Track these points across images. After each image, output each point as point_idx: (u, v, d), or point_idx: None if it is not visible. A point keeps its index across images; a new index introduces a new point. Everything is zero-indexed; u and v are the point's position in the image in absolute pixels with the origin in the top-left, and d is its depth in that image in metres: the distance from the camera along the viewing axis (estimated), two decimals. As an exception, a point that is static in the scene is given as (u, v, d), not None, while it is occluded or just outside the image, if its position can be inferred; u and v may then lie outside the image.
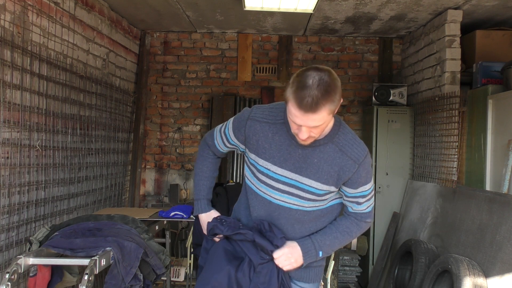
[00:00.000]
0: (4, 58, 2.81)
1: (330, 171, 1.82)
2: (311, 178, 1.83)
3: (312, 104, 1.59)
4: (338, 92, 1.64)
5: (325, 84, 1.60)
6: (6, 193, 2.88)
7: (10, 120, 2.89)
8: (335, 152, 1.82)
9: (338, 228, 1.92)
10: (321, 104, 1.59)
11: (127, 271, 2.52)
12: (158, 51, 5.56)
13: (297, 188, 1.86)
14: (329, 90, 1.60)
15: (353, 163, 1.81)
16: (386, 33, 5.30)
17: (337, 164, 1.81)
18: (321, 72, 1.63)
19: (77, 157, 3.86)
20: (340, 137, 1.84)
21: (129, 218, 2.97)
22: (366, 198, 1.90)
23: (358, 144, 1.86)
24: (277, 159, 1.85)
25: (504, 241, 3.09)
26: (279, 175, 1.86)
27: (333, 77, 1.64)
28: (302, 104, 1.60)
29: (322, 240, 1.90)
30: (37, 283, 2.48)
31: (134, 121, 5.38)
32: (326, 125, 1.71)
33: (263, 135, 1.87)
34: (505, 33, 4.37)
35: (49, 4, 3.36)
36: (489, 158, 3.78)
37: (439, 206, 4.10)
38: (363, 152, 1.84)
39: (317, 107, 1.60)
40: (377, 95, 5.01)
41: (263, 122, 1.87)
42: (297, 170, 1.84)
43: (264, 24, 5.09)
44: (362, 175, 1.83)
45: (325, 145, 1.82)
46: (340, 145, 1.83)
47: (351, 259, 4.84)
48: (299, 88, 1.60)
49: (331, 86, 1.61)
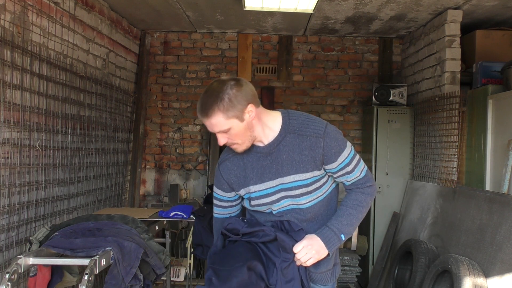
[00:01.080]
0: (4, 58, 2.81)
1: (302, 157, 1.84)
2: (291, 174, 1.86)
3: (203, 109, 1.73)
4: (237, 98, 1.72)
5: (218, 90, 1.72)
6: (6, 193, 2.88)
7: (10, 120, 2.89)
8: (296, 139, 1.85)
9: (348, 205, 1.91)
10: (211, 109, 1.71)
11: (127, 271, 2.52)
12: (158, 51, 5.56)
13: (286, 190, 1.88)
14: (221, 96, 1.70)
15: (316, 139, 1.83)
16: (386, 33, 5.30)
17: (304, 148, 1.84)
18: (224, 81, 1.75)
19: (77, 157, 3.86)
20: (294, 124, 1.87)
21: (129, 218, 2.97)
22: (352, 164, 1.89)
23: (313, 121, 1.88)
24: (256, 178, 1.89)
25: (504, 241, 3.09)
26: (265, 189, 1.89)
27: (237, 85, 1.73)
28: (198, 109, 1.77)
29: (338, 222, 1.89)
30: (37, 283, 2.48)
31: (134, 121, 5.38)
32: (240, 130, 1.77)
33: (237, 167, 1.92)
34: (505, 33, 4.37)
35: (49, 4, 3.36)
36: (489, 158, 3.78)
37: (439, 206, 4.10)
38: (321, 125, 1.87)
39: (208, 112, 1.72)
40: (377, 95, 5.01)
41: (230, 157, 1.94)
42: (276, 175, 1.87)
43: (264, 24, 5.09)
44: (332, 145, 1.84)
45: (285, 139, 1.85)
46: (297, 130, 1.85)
47: (351, 259, 4.84)
48: (201, 95, 1.78)
49: (226, 92, 1.71)
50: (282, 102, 5.55)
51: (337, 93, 5.56)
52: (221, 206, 2.05)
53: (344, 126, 5.55)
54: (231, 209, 2.05)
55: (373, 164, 4.91)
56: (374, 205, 4.90)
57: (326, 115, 5.55)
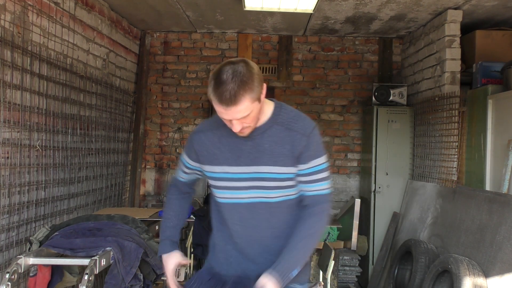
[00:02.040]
0: (4, 58, 2.81)
1: (283, 151, 1.82)
2: (268, 165, 1.83)
3: (231, 97, 1.64)
4: (256, 79, 1.68)
5: (239, 75, 1.65)
6: (6, 193, 2.88)
7: (10, 120, 2.89)
8: (282, 131, 1.83)
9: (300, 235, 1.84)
10: (240, 94, 1.64)
11: (127, 271, 2.53)
12: (158, 51, 5.56)
13: (259, 180, 1.85)
14: (244, 80, 1.64)
15: (301, 136, 1.81)
16: (386, 33, 5.30)
17: (287, 142, 1.82)
18: (235, 64, 1.67)
19: (77, 157, 3.86)
20: (283, 116, 1.85)
21: (129, 218, 2.98)
22: (320, 175, 1.87)
23: (303, 119, 1.86)
24: (231, 160, 1.86)
25: (504, 241, 3.09)
26: (237, 173, 1.86)
27: (248, 66, 1.68)
28: (222, 100, 1.65)
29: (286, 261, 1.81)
30: (37, 283, 2.48)
31: (134, 121, 5.38)
32: (257, 112, 1.74)
33: (211, 143, 1.90)
34: (505, 33, 4.37)
35: (49, 4, 3.36)
36: (489, 158, 3.77)
37: (439, 206, 4.11)
38: (310, 125, 1.85)
39: (237, 99, 1.64)
40: (377, 95, 5.01)
41: (207, 131, 1.92)
42: (253, 162, 1.84)
43: (264, 24, 5.09)
44: (312, 148, 1.83)
45: (271, 128, 1.83)
46: (285, 123, 1.84)
47: (351, 259, 4.83)
48: (216, 85, 1.67)
49: (246, 75, 1.65)
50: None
51: (337, 93, 5.57)
52: (184, 171, 2.07)
53: (344, 126, 5.55)
54: (193, 176, 2.07)
55: (373, 164, 4.91)
56: (374, 205, 4.90)
57: (326, 115, 5.55)
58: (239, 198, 1.89)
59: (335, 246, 4.37)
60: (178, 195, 2.12)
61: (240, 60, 1.70)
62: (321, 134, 5.54)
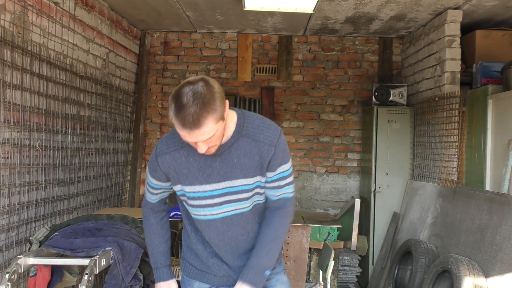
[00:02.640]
0: (4, 58, 2.81)
1: (252, 162, 1.82)
2: (239, 178, 1.83)
3: (194, 121, 1.58)
4: (218, 98, 1.62)
5: (200, 96, 1.58)
6: (6, 193, 2.88)
7: (10, 120, 2.89)
8: (248, 143, 1.81)
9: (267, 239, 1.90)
10: (203, 117, 1.58)
11: (127, 271, 2.53)
12: (158, 51, 5.56)
13: (232, 193, 1.86)
14: (206, 101, 1.58)
15: (269, 147, 1.81)
16: (386, 33, 5.30)
17: (255, 153, 1.82)
18: (194, 84, 1.60)
19: (77, 157, 3.86)
20: (248, 128, 1.82)
21: (129, 218, 2.97)
22: (286, 180, 1.89)
23: (268, 128, 1.84)
24: (202, 179, 1.84)
25: (504, 241, 3.09)
26: (210, 191, 1.85)
27: (208, 85, 1.62)
28: (185, 124, 1.59)
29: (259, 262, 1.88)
30: (37, 283, 2.48)
31: (134, 121, 5.38)
32: (222, 131, 1.70)
33: (178, 163, 1.85)
34: (505, 33, 4.37)
35: (49, 4, 3.36)
36: (489, 158, 3.77)
37: (439, 206, 4.11)
38: (276, 133, 1.84)
39: (200, 122, 1.58)
40: (377, 95, 5.01)
41: (171, 151, 1.85)
42: (224, 178, 1.84)
43: (264, 24, 5.09)
44: (279, 156, 1.84)
45: (237, 141, 1.81)
46: (251, 135, 1.82)
47: (351, 259, 4.84)
48: (177, 109, 1.59)
49: (207, 96, 1.59)
50: (282, 102, 5.55)
51: (337, 93, 5.57)
52: (153, 193, 2.00)
53: (344, 126, 5.55)
54: (164, 193, 2.03)
55: (373, 164, 4.91)
56: (374, 205, 4.90)
57: (326, 115, 5.55)
58: (214, 214, 1.90)
59: (335, 246, 4.38)
60: (155, 218, 2.05)
61: (199, 79, 1.63)
62: (321, 134, 5.58)
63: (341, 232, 4.83)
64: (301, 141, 5.56)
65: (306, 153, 5.56)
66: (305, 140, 5.56)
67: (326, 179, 5.55)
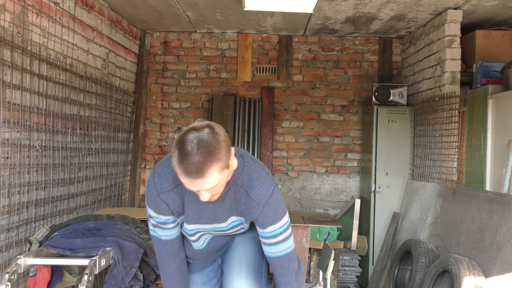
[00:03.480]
0: (4, 58, 2.81)
1: (238, 209, 1.82)
2: (227, 220, 1.85)
3: (198, 170, 1.52)
4: (223, 146, 1.56)
5: (205, 144, 1.53)
6: (6, 193, 2.87)
7: (10, 120, 2.89)
8: (241, 192, 1.79)
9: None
10: (207, 167, 1.53)
11: (127, 271, 2.52)
12: (158, 51, 5.56)
13: (217, 231, 1.92)
14: (211, 150, 1.53)
15: (256, 205, 1.77)
16: (386, 33, 5.30)
17: (243, 204, 1.80)
18: (199, 131, 1.55)
19: (77, 157, 3.86)
20: (244, 178, 1.78)
21: (129, 218, 2.97)
22: (278, 238, 1.83)
23: (262, 183, 1.78)
24: (190, 219, 1.84)
25: (504, 241, 3.09)
26: (196, 229, 1.88)
27: (214, 132, 1.56)
28: (188, 173, 1.53)
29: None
30: (37, 283, 2.48)
31: (134, 121, 5.38)
32: (226, 179, 1.66)
33: (180, 199, 1.82)
34: (505, 33, 4.36)
35: (49, 4, 3.35)
36: (489, 158, 3.77)
37: (439, 206, 4.10)
38: (268, 191, 1.78)
39: (204, 172, 1.53)
40: (377, 95, 5.01)
41: (173, 189, 1.80)
42: (214, 221, 1.85)
43: (264, 24, 5.09)
44: (268, 215, 1.79)
45: (231, 189, 1.79)
46: (245, 186, 1.78)
47: (351, 259, 4.84)
48: (181, 157, 1.53)
49: (213, 144, 1.54)
50: (282, 102, 5.55)
51: (337, 93, 5.56)
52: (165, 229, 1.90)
53: (344, 126, 5.55)
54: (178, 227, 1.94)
55: (373, 164, 4.91)
56: (374, 205, 4.90)
57: (326, 115, 5.55)
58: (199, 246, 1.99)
59: (335, 246, 4.38)
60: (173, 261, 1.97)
61: (205, 126, 1.58)
62: (321, 134, 5.57)
63: (341, 232, 4.83)
64: (301, 141, 5.56)
65: (306, 153, 5.55)
66: (305, 140, 5.55)
67: (326, 179, 5.55)
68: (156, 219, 1.87)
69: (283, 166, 5.53)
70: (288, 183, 5.51)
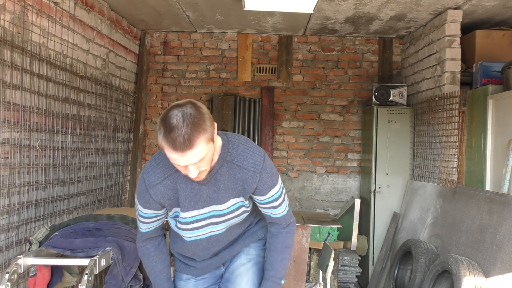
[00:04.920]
0: (4, 58, 2.81)
1: (236, 186, 1.85)
2: (224, 202, 1.86)
3: (185, 141, 1.56)
4: (207, 118, 1.63)
5: (190, 116, 1.58)
6: (6, 193, 2.87)
7: (10, 120, 2.89)
8: (233, 168, 1.82)
9: (278, 250, 2.00)
10: (195, 137, 1.57)
11: (127, 271, 2.52)
12: (158, 51, 5.56)
13: (217, 216, 1.90)
14: (196, 121, 1.58)
15: (253, 174, 1.82)
16: (386, 33, 5.30)
17: (239, 179, 1.83)
18: (182, 107, 1.61)
19: (77, 157, 3.86)
20: (232, 153, 1.82)
21: (129, 218, 2.97)
22: (279, 200, 1.93)
23: (252, 153, 1.84)
24: (188, 206, 1.85)
25: (504, 241, 3.09)
26: (196, 216, 1.88)
27: (196, 106, 1.62)
28: (176, 146, 1.57)
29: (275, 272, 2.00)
30: (37, 283, 2.48)
31: (134, 121, 5.38)
32: (211, 153, 1.69)
33: (170, 190, 1.84)
34: (505, 33, 4.36)
35: (49, 4, 3.35)
36: (489, 158, 3.77)
37: (439, 206, 4.10)
38: (260, 159, 1.84)
39: (192, 142, 1.57)
40: (377, 95, 5.01)
41: (162, 181, 1.83)
42: (210, 202, 1.86)
43: (264, 24, 5.09)
44: (267, 181, 1.85)
45: (222, 167, 1.82)
46: (235, 160, 1.82)
47: (351, 259, 4.84)
48: (167, 131, 1.57)
49: (197, 116, 1.59)
50: (282, 102, 5.55)
51: (337, 93, 5.56)
52: (149, 222, 1.95)
53: (344, 126, 5.55)
54: (161, 220, 1.99)
55: (373, 164, 4.91)
56: (374, 205, 4.90)
57: (326, 115, 5.55)
58: (200, 235, 1.94)
59: (335, 246, 4.38)
60: (153, 245, 2.01)
61: (187, 102, 1.64)
62: (321, 134, 5.57)
63: (341, 232, 4.83)
64: (301, 141, 5.56)
65: (306, 153, 5.55)
66: (305, 140, 5.55)
67: (326, 179, 5.55)
68: (142, 213, 1.92)
69: (283, 166, 5.53)
70: (288, 183, 5.51)
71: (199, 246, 1.97)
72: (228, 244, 2.04)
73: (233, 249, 2.06)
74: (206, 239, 1.95)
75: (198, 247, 1.97)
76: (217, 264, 2.08)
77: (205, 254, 2.01)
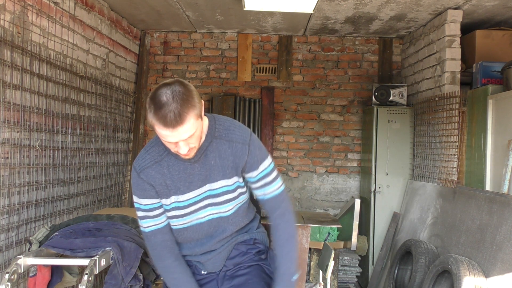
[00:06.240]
0: (4, 58, 2.81)
1: (227, 163, 1.84)
2: (218, 180, 1.85)
3: (176, 117, 1.59)
4: (196, 95, 1.66)
5: (179, 93, 1.61)
6: (6, 193, 2.87)
7: (10, 120, 2.89)
8: (222, 144, 1.84)
9: (284, 245, 1.91)
10: (185, 112, 1.60)
11: (127, 271, 2.52)
12: (158, 51, 5.56)
13: (214, 196, 1.87)
14: (185, 98, 1.62)
15: (242, 146, 1.83)
16: (386, 33, 5.30)
17: (230, 153, 1.83)
18: (171, 84, 1.64)
19: (77, 157, 3.86)
20: (220, 129, 1.85)
21: (129, 218, 2.97)
22: (271, 175, 1.89)
23: (239, 128, 1.87)
24: (183, 188, 1.85)
25: (504, 241, 3.09)
26: (193, 197, 1.87)
27: (184, 84, 1.66)
28: (166, 122, 1.59)
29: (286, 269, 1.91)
30: (37, 283, 2.48)
31: (134, 121, 5.38)
32: (200, 130, 1.72)
33: (161, 175, 1.84)
34: (505, 33, 4.36)
35: (49, 4, 3.35)
36: (489, 158, 3.77)
37: (439, 206, 4.10)
38: (246, 131, 1.87)
39: (182, 118, 1.60)
40: (377, 95, 5.01)
41: (153, 164, 1.84)
42: (205, 181, 1.85)
43: (264, 24, 5.09)
44: (256, 153, 1.85)
45: (211, 144, 1.83)
46: (223, 136, 1.84)
47: (351, 259, 4.84)
48: (157, 108, 1.60)
49: (186, 93, 1.63)
50: (282, 102, 5.55)
51: (337, 93, 5.56)
52: (153, 216, 1.90)
53: (344, 126, 5.55)
54: (164, 215, 1.92)
55: (373, 164, 4.91)
56: (374, 205, 4.90)
57: (326, 115, 5.55)
58: (199, 218, 1.91)
59: (335, 246, 4.38)
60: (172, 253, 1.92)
61: (174, 81, 1.67)
62: (321, 134, 5.57)
63: (341, 232, 4.83)
64: (301, 141, 5.56)
65: (306, 153, 5.55)
66: (305, 140, 5.56)
67: (326, 179, 5.55)
68: (143, 206, 1.91)
69: (283, 166, 5.53)
70: (288, 183, 5.51)
71: (200, 231, 1.92)
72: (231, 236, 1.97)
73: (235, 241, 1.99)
74: (207, 223, 1.91)
75: (200, 233, 1.92)
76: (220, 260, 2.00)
77: (210, 240, 1.94)
